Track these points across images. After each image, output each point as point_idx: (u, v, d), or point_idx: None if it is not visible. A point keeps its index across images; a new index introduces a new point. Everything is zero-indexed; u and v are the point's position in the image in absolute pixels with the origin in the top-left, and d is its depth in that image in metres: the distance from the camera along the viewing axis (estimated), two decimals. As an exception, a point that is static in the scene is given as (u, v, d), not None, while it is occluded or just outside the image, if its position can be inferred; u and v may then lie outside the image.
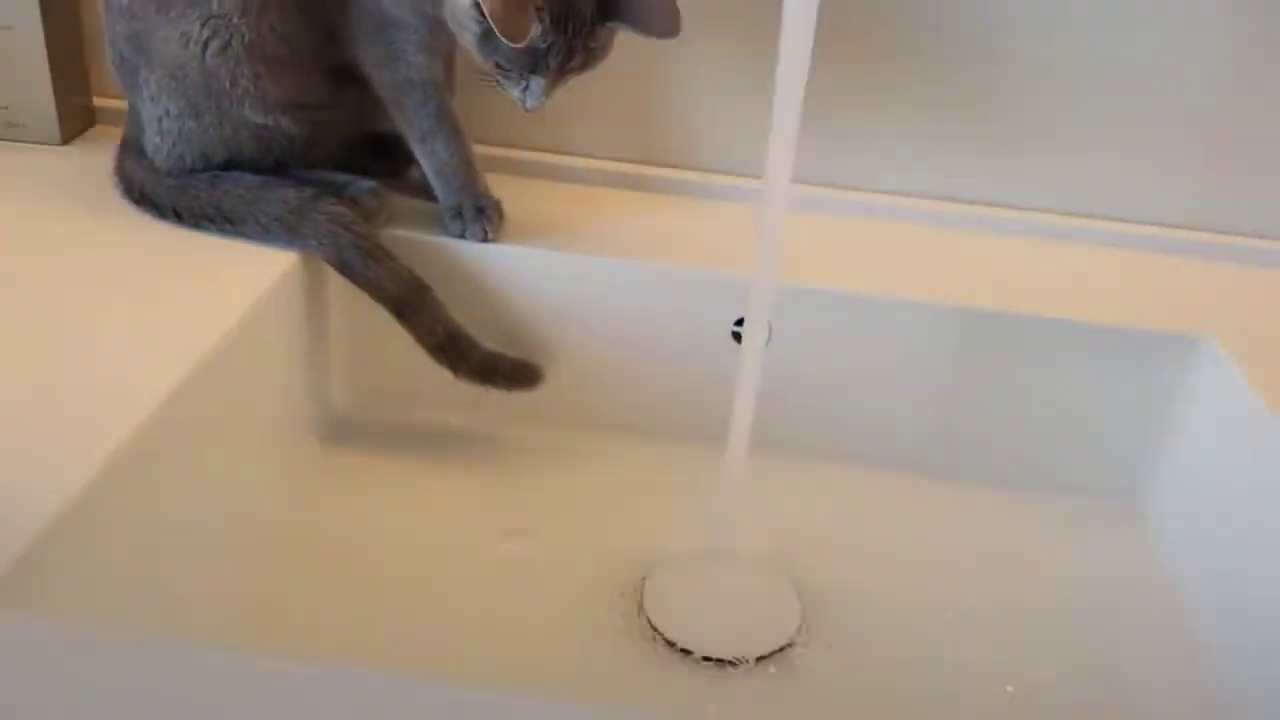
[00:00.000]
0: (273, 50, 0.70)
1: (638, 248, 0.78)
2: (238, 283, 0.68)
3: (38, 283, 0.67)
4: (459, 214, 0.75)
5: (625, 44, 0.71)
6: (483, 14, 0.63)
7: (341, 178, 0.76)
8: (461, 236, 0.76)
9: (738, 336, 0.76)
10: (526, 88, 0.68)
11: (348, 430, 0.79)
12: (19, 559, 0.47)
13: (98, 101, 0.88)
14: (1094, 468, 0.78)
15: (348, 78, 0.75)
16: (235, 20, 0.68)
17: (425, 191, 0.78)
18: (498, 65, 0.68)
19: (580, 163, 0.87)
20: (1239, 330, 0.74)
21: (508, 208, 0.78)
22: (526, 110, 0.70)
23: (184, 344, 0.62)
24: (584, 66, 0.68)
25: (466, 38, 0.67)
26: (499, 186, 0.79)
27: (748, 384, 0.65)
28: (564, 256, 0.76)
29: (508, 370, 0.74)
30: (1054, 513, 0.77)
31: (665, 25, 0.67)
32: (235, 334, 0.65)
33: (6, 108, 0.82)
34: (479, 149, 0.78)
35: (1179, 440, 0.75)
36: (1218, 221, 0.85)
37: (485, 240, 0.76)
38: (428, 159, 0.75)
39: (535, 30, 0.64)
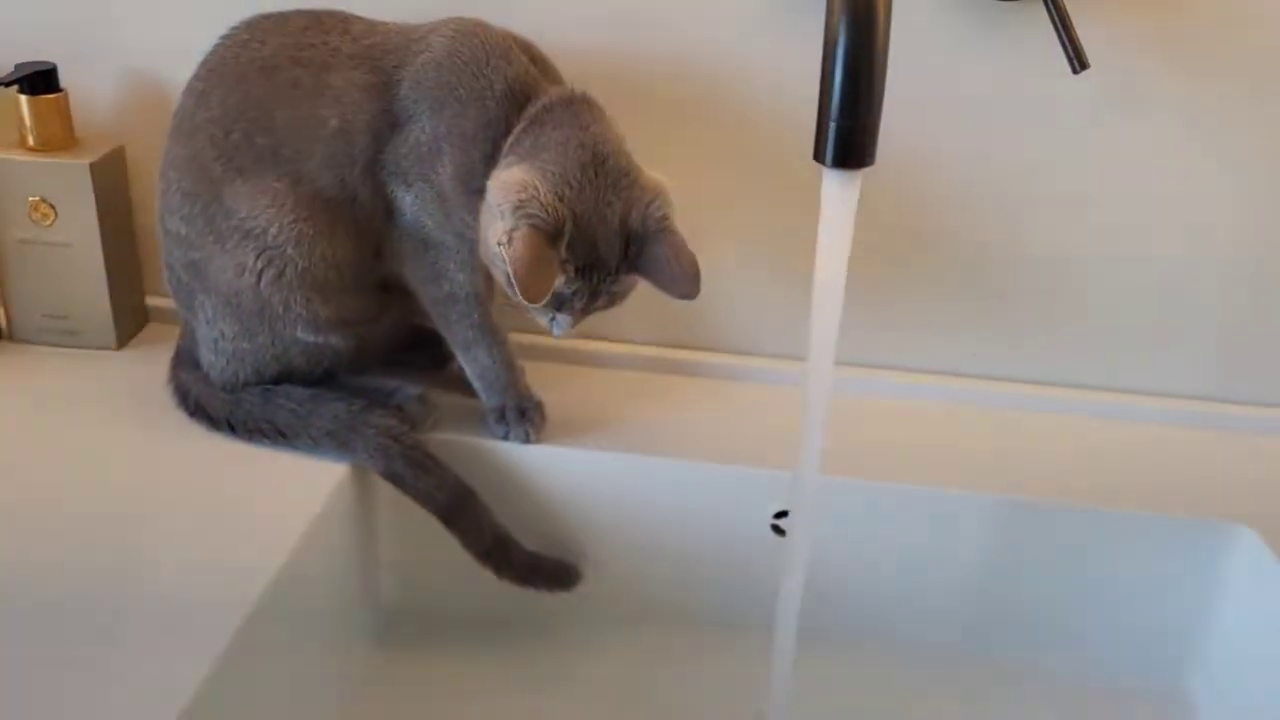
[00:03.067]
0: (323, 276, 0.73)
1: (677, 440, 0.80)
2: (294, 500, 0.71)
3: (101, 497, 0.70)
4: (502, 416, 0.78)
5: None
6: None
7: (389, 384, 0.79)
8: (505, 438, 0.78)
9: (777, 529, 0.78)
10: (553, 320, 0.71)
11: (398, 629, 0.81)
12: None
13: (150, 301, 0.91)
14: (1135, 658, 0.79)
15: (394, 288, 0.78)
16: (289, 251, 0.72)
17: (468, 385, 0.80)
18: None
19: (618, 349, 0.90)
20: (1273, 514, 0.75)
21: (547, 397, 0.80)
22: (555, 338, 0.72)
23: (248, 570, 0.64)
24: (608, 306, 0.71)
25: (497, 275, 0.69)
26: (536, 373, 0.81)
27: (794, 578, 0.66)
28: (604, 455, 0.78)
29: (548, 571, 0.77)
30: (1099, 705, 0.78)
31: (685, 288, 0.68)
32: (294, 554, 0.67)
33: (65, 317, 0.86)
34: (516, 336, 0.81)
35: (1221, 627, 0.76)
36: (1241, 394, 0.86)
37: (528, 442, 0.78)
38: (471, 366, 0.78)
39: (560, 282, 0.67)
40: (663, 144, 0.82)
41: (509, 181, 0.67)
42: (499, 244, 0.65)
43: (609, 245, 0.68)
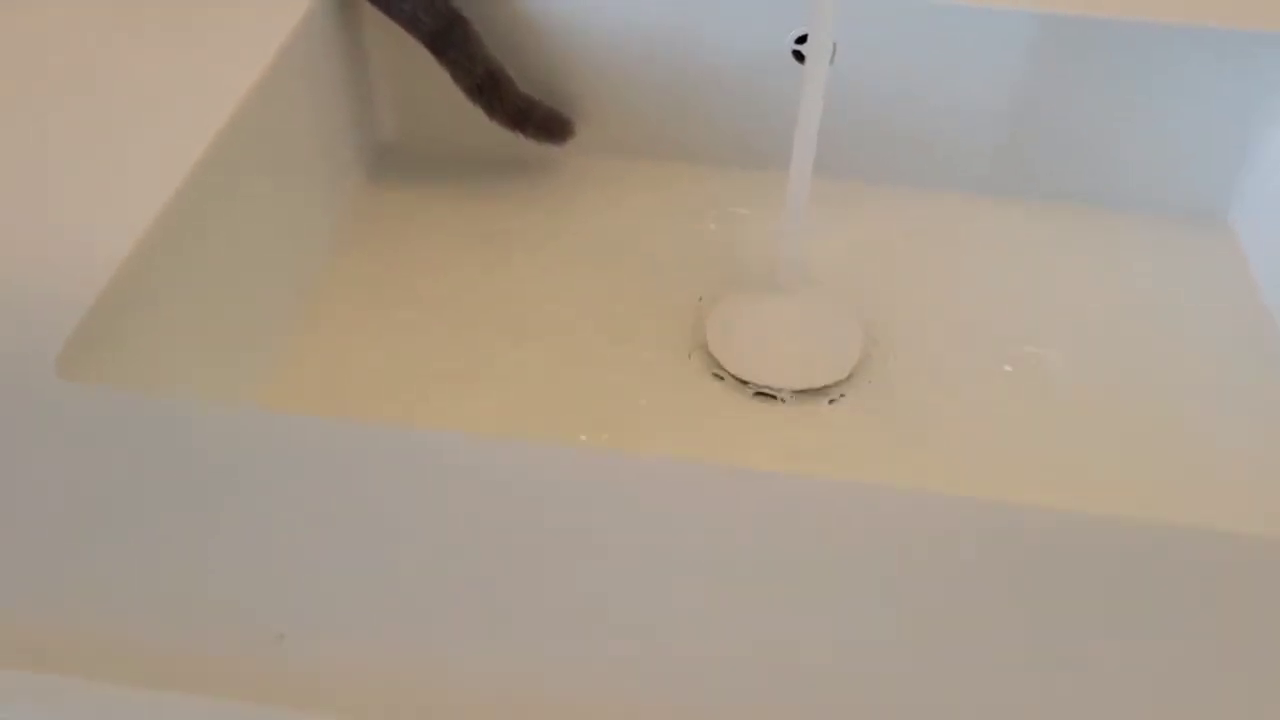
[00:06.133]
0: None
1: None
2: (268, 10, 0.65)
3: (53, 24, 0.64)
4: (494, -68, 0.70)
5: None
6: None
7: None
8: (498, -43, 0.71)
9: (798, 55, 0.72)
10: None
11: (394, 162, 0.78)
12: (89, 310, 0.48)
13: None
14: (1182, 183, 0.74)
15: None
16: None
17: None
18: None
19: None
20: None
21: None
22: None
23: (221, 87, 0.60)
24: None
25: None
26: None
27: (811, 106, 0.61)
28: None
29: (539, 119, 0.72)
30: (1136, 231, 0.74)
31: None
32: (273, 71, 0.62)
33: None
34: None
35: (1269, 153, 0.71)
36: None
37: (524, -40, 0.70)
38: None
39: None
40: None
41: None
42: None
43: None
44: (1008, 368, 0.66)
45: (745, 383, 0.65)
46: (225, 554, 0.39)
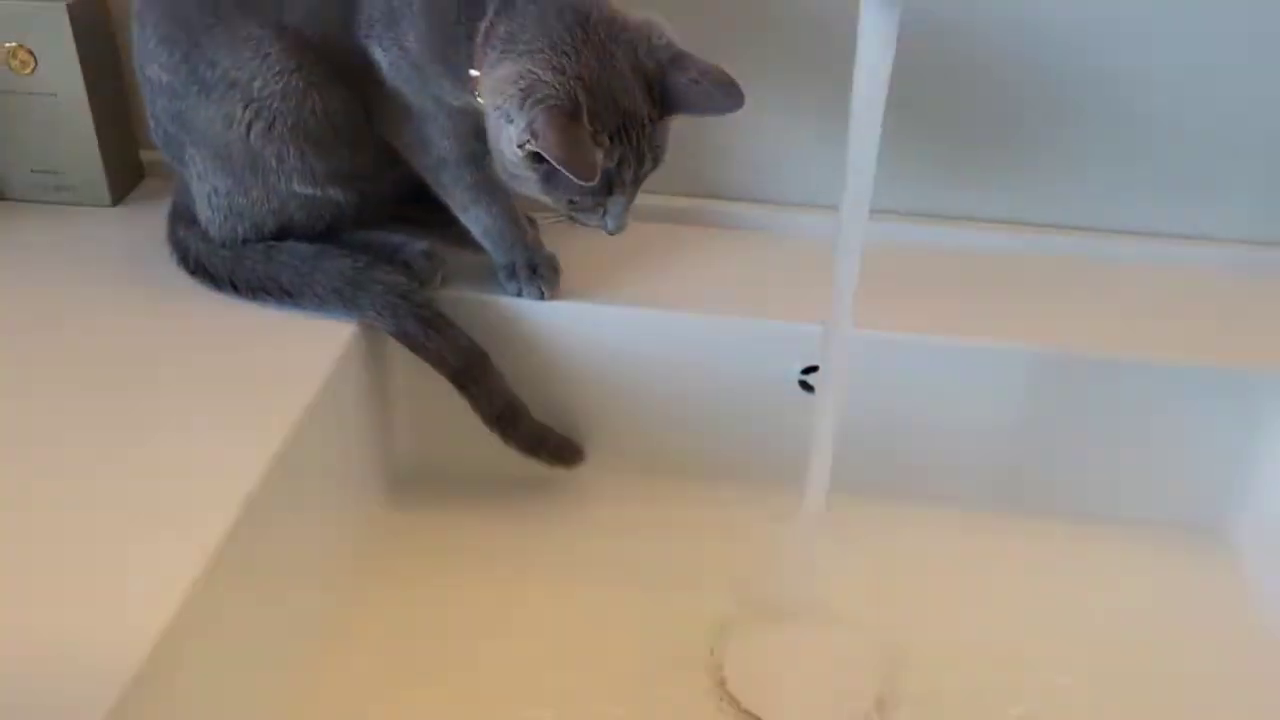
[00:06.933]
0: (316, 129, 0.69)
1: (698, 295, 0.76)
2: (304, 360, 0.68)
3: (102, 361, 0.67)
4: (513, 273, 0.74)
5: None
6: (538, 161, 0.61)
7: (395, 239, 0.75)
8: (518, 295, 0.75)
9: (804, 385, 0.75)
10: (605, 212, 0.66)
11: (413, 487, 0.79)
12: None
13: (145, 155, 0.87)
14: (1178, 501, 0.76)
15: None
16: (277, 104, 0.67)
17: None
18: (571, 202, 0.65)
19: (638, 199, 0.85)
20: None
21: (562, 250, 0.77)
22: (610, 234, 0.67)
23: (261, 432, 0.62)
24: (655, 165, 0.66)
25: (529, 187, 0.65)
26: (549, 225, 0.76)
27: (825, 432, 0.64)
28: (622, 310, 0.75)
29: (553, 446, 0.75)
30: (1137, 545, 0.76)
31: (727, 99, 0.63)
32: (308, 414, 0.65)
33: (56, 173, 0.82)
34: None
35: (1265, 472, 0.73)
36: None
37: (542, 299, 0.74)
38: (474, 226, 0.74)
39: (600, 158, 0.61)
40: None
41: (502, 79, 0.61)
42: (521, 146, 0.61)
43: (631, 98, 0.62)
44: (1017, 710, 0.66)
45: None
46: None
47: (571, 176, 0.59)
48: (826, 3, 0.75)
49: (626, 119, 0.62)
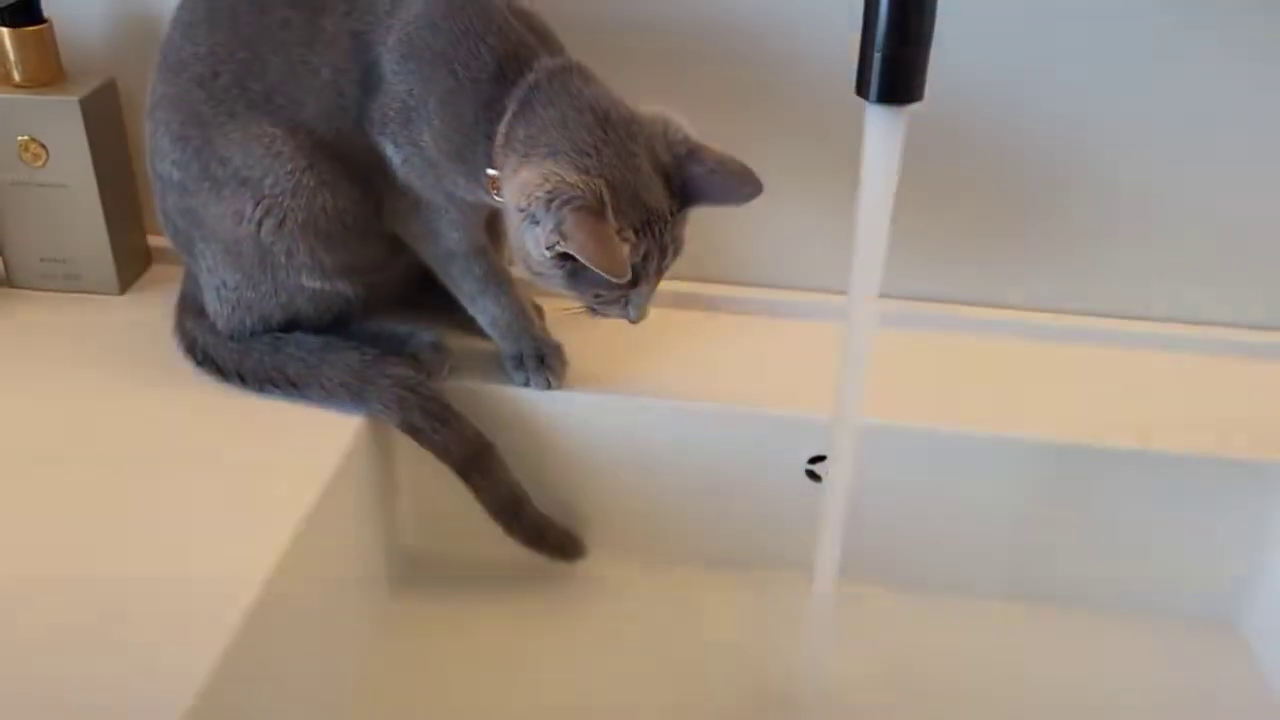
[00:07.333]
0: (326, 225, 0.69)
1: (706, 383, 0.76)
2: (311, 453, 0.68)
3: (108, 452, 0.67)
4: (520, 363, 0.75)
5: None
6: (564, 259, 0.62)
7: (402, 329, 0.75)
8: (525, 385, 0.75)
9: (811, 475, 0.75)
10: (627, 303, 0.67)
11: (417, 579, 0.79)
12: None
13: (152, 240, 0.87)
14: (1188, 591, 0.76)
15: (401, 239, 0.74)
16: (288, 201, 0.68)
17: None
18: (596, 295, 0.66)
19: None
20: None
21: (568, 339, 0.77)
22: (632, 323, 0.68)
23: (268, 528, 0.62)
24: (676, 256, 0.67)
25: (554, 284, 0.65)
26: (556, 314, 0.77)
27: (833, 520, 0.64)
28: (629, 400, 0.75)
29: (554, 540, 0.75)
30: (1146, 635, 0.75)
31: (745, 188, 0.64)
32: (315, 508, 0.64)
33: (65, 261, 0.83)
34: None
35: (1277, 563, 0.73)
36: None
37: (549, 389, 0.74)
38: (481, 316, 0.75)
39: (626, 252, 0.62)
40: (696, 79, 0.77)
41: (526, 182, 0.62)
42: (549, 248, 0.61)
43: (652, 193, 0.63)
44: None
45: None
46: None
47: (603, 274, 0.60)
48: (832, 94, 0.76)
49: (649, 214, 0.63)
